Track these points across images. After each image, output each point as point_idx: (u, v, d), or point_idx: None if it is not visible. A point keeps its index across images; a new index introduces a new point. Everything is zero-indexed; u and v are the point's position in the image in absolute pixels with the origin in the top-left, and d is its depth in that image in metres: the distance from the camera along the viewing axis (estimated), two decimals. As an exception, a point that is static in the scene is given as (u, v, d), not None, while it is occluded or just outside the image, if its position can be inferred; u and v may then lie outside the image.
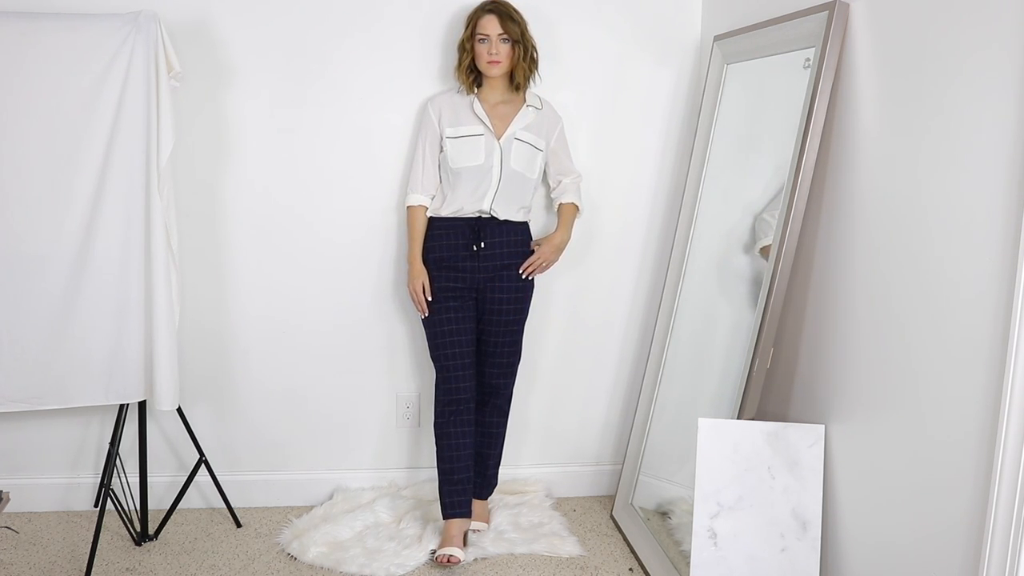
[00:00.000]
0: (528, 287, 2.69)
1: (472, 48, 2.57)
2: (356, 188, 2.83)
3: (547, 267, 2.71)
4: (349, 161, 2.81)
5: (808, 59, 2.17)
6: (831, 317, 2.15)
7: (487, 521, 2.78)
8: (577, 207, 2.74)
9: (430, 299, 2.62)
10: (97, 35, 2.43)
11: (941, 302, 1.74)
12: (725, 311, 2.52)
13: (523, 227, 2.69)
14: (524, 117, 2.62)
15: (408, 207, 2.68)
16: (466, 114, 2.62)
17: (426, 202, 2.66)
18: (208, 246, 2.81)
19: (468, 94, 2.63)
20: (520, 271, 2.65)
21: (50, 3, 2.56)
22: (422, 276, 2.63)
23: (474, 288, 2.63)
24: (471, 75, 2.60)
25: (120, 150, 2.46)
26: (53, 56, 2.42)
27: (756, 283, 2.32)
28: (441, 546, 2.58)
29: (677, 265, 2.76)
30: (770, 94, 2.46)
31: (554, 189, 2.78)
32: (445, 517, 2.64)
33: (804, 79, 2.18)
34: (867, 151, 2.00)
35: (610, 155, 2.91)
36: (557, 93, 2.83)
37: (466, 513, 2.66)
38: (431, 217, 2.65)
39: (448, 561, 2.54)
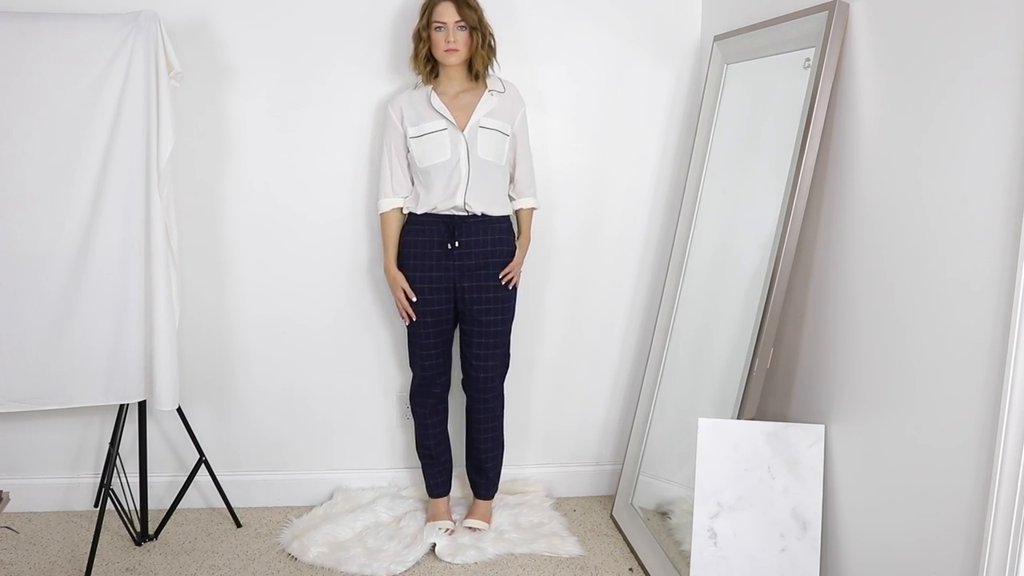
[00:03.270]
0: (510, 296, 2.66)
1: (428, 37, 2.51)
2: (356, 188, 2.83)
3: (518, 275, 2.68)
4: (349, 161, 2.81)
5: (808, 59, 2.17)
6: (831, 317, 2.15)
7: (488, 521, 2.78)
8: (534, 208, 2.71)
9: (414, 299, 2.61)
10: (97, 35, 2.43)
11: (941, 302, 1.74)
12: (725, 311, 2.52)
13: (502, 224, 2.63)
14: (486, 103, 2.57)
15: (381, 214, 2.64)
16: (426, 110, 2.57)
17: (399, 203, 2.63)
18: (208, 246, 2.81)
19: (425, 85, 2.59)
20: (500, 278, 2.62)
21: (50, 3, 2.56)
22: (399, 281, 2.62)
23: (451, 288, 2.61)
24: (428, 65, 2.55)
25: (120, 150, 2.46)
26: (53, 56, 2.42)
27: (756, 283, 2.32)
28: (435, 519, 2.76)
29: (677, 265, 2.76)
30: (770, 94, 2.46)
31: (509, 187, 2.69)
32: (433, 496, 2.80)
33: (804, 79, 2.18)
34: (867, 151, 2.00)
35: (610, 155, 2.91)
36: (557, 93, 2.83)
37: (449, 488, 2.84)
38: (409, 213, 2.63)
39: (450, 533, 2.70)
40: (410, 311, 2.63)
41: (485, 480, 2.79)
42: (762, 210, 2.34)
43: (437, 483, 2.80)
